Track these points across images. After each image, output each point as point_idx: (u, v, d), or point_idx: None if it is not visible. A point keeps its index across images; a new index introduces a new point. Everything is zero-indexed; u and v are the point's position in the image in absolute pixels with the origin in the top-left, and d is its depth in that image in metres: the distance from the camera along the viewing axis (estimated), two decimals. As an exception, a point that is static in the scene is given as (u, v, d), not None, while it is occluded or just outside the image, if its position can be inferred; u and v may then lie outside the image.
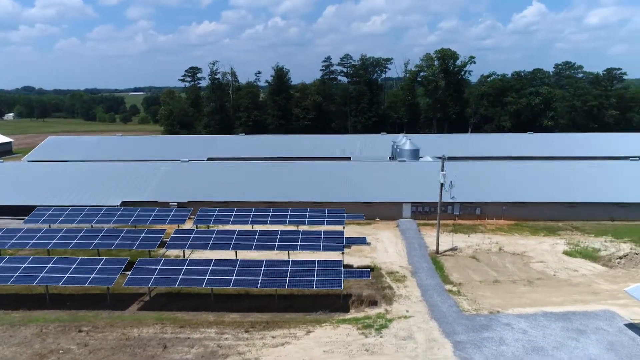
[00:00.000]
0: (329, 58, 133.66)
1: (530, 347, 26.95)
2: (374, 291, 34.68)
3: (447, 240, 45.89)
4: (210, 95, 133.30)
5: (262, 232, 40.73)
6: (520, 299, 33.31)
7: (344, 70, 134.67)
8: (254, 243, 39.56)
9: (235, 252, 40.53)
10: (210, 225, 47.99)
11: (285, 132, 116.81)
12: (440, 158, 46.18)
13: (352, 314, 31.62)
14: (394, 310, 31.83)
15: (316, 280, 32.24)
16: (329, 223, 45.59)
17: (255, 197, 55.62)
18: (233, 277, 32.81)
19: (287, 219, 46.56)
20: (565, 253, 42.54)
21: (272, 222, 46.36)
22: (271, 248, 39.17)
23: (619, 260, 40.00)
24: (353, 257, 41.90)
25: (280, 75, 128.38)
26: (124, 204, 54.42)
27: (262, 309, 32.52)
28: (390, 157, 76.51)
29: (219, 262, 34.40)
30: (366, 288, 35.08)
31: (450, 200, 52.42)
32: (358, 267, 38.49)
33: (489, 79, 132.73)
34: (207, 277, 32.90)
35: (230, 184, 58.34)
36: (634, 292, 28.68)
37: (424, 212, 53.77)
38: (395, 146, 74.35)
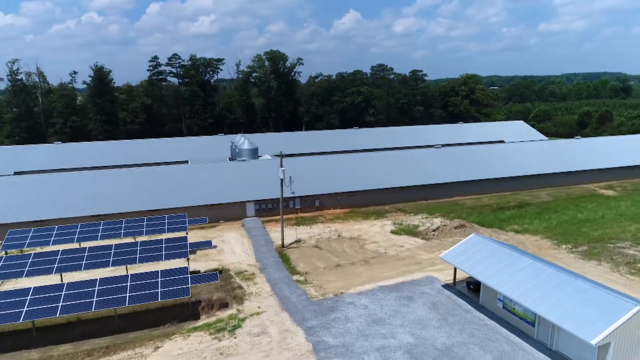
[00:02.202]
0: (156, 58, 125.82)
1: (372, 319, 29.72)
2: (224, 293, 34.06)
3: (292, 234, 47.60)
4: (11, 100, 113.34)
5: (93, 248, 36.44)
6: (359, 278, 36.44)
7: (174, 70, 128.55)
8: (84, 262, 35.16)
9: (61, 275, 35.48)
10: (24, 249, 41.07)
11: (111, 138, 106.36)
12: (278, 155, 47.56)
13: (204, 319, 30.54)
14: (246, 309, 31.77)
15: (161, 291, 30.21)
16: (170, 230, 43.11)
17: (81, 211, 49.54)
18: (60, 304, 28.64)
19: (122, 231, 42.54)
20: (393, 232, 47.99)
21: (103, 237, 41.80)
22: (105, 265, 35.30)
23: (433, 232, 46.76)
24: (200, 262, 40.48)
25: (101, 75, 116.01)
26: None
27: (100, 333, 29.17)
28: (229, 158, 75.87)
29: (39, 289, 29.65)
30: (216, 291, 34.22)
31: (291, 195, 54.48)
32: (206, 272, 37.32)
33: (316, 80, 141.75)
34: (25, 309, 28.07)
35: (46, 199, 50.73)
36: (446, 257, 33.88)
37: (268, 209, 54.80)
38: (234, 146, 74.01)
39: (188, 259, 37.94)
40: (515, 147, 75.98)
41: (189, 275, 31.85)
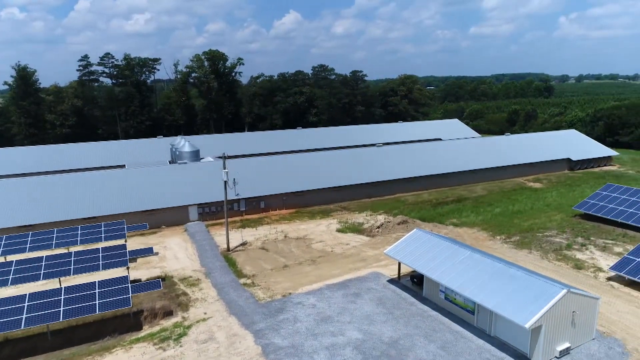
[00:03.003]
0: (86, 57, 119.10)
1: (320, 318, 29.91)
2: (168, 301, 32.89)
3: (237, 237, 46.86)
4: None
5: (20, 262, 33.89)
6: (307, 277, 36.54)
7: (107, 70, 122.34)
8: (10, 277, 32.61)
9: (-16, 292, 32.66)
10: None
11: (39, 142, 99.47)
12: (221, 157, 46.64)
13: (147, 330, 29.31)
14: (192, 316, 30.87)
15: (99, 303, 28.64)
16: (107, 239, 40.99)
17: (5, 222, 45.90)
18: (-16, 324, 26.34)
19: (54, 242, 39.89)
20: (339, 230, 48.57)
21: (33, 249, 38.98)
22: (35, 279, 32.94)
23: (377, 229, 47.85)
24: (141, 270, 38.82)
25: (24, 76, 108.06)
26: None
27: (32, 352, 27.16)
28: (170, 161, 73.43)
29: (-41, 309, 27.11)
30: (159, 299, 32.97)
31: (236, 197, 53.63)
32: (147, 280, 35.86)
33: (258, 80, 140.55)
34: (-58, 332, 25.56)
35: (-35, 210, 46.53)
36: (390, 253, 34.78)
37: (212, 212, 53.58)
38: (174, 149, 71.69)
39: (128, 268, 36.31)
40: (452, 145, 79.48)
41: (130, 285, 30.46)
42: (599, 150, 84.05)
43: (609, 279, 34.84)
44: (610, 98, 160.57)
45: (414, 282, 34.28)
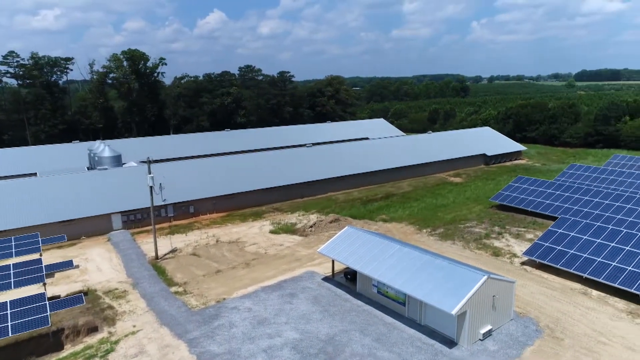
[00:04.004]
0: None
1: (256, 321, 29.64)
2: (92, 316, 30.86)
3: (166, 244, 45.06)
4: None
5: None
6: (241, 281, 36.03)
7: (11, 70, 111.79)
8: None
9: None
10: None
11: None
12: (145, 162, 44.59)
13: (69, 349, 27.30)
14: (119, 330, 29.23)
15: (12, 324, 26.20)
16: (19, 254, 37.51)
17: None
18: None
19: (-46, 261, 35.82)
20: (272, 232, 48.37)
21: None
22: None
23: (310, 228, 48.30)
24: (60, 286, 36.04)
25: None
26: None
27: None
28: (88, 167, 68.80)
29: None
30: (82, 315, 30.83)
31: (163, 203, 51.50)
32: (68, 295, 33.38)
33: (182, 81, 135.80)
34: None
35: None
36: (324, 251, 35.29)
37: (137, 219, 51.00)
38: (92, 154, 67.29)
39: (45, 284, 33.56)
40: (378, 143, 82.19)
41: (47, 302, 28.17)
42: (510, 145, 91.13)
43: (523, 263, 37.96)
44: (518, 97, 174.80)
45: (347, 279, 35.05)
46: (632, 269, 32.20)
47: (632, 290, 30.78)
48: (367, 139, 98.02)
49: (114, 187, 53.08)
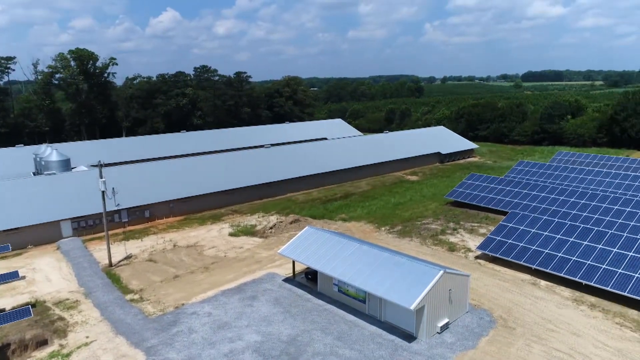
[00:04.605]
0: None
1: (217, 325, 29.18)
2: (41, 329, 29.35)
3: (120, 250, 43.53)
4: None
5: None
6: (200, 286, 35.34)
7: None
8: None
9: None
10: None
11: None
12: (96, 165, 42.88)
13: (16, 365, 25.84)
14: (71, 342, 27.97)
15: (-49, 342, 24.51)
16: (-43, 266, 35.19)
17: None
18: None
19: None
20: (231, 234, 47.74)
21: None
22: None
23: (270, 230, 48.04)
24: (5, 298, 34.04)
25: None
26: None
27: None
28: (34, 172, 65.38)
29: None
30: (30, 329, 29.25)
31: (117, 208, 49.69)
32: (13, 308, 31.58)
33: (135, 82, 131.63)
34: None
35: None
36: (284, 252, 35.22)
37: (89, 226, 48.96)
38: (38, 159, 64.02)
39: (-13, 297, 31.61)
40: (337, 143, 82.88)
41: (-9, 316, 26.55)
42: (463, 144, 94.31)
43: (477, 257, 39.40)
44: (470, 97, 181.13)
45: (308, 279, 35.14)
46: (576, 258, 34.12)
47: (577, 279, 32.62)
48: (325, 139, 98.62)
49: (63, 192, 50.70)
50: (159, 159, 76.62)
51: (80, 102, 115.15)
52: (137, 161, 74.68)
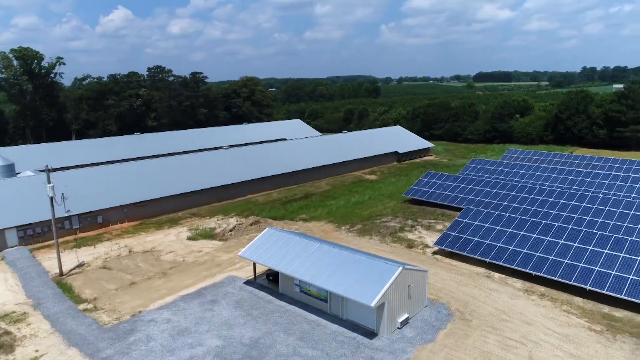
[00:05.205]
0: None
1: (176, 332, 28.49)
2: (-15, 345, 27.63)
3: (72, 258, 41.66)
4: None
5: None
6: (158, 292, 34.38)
7: None
8: None
9: None
10: None
11: None
12: (44, 170, 40.84)
13: (-43, 385, 24.21)
14: (19, 357, 26.50)
15: None
16: None
17: None
18: None
19: None
20: (189, 238, 46.73)
21: None
22: None
23: (230, 232, 47.40)
24: (-58, 315, 31.80)
25: None
26: None
27: None
28: (-26, 179, 61.32)
29: None
30: (-28, 345, 27.49)
31: (67, 215, 47.49)
32: (-47, 325, 29.55)
33: (84, 82, 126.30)
34: None
35: None
36: (245, 254, 34.86)
37: (37, 234, 46.52)
38: (-21, 164, 60.10)
39: None
40: (296, 144, 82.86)
41: None
42: (420, 143, 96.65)
43: (434, 253, 40.50)
44: (425, 98, 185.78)
45: (270, 280, 34.94)
46: (527, 251, 35.76)
47: (527, 270, 34.19)
48: (284, 139, 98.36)
49: (7, 199, 47.92)
50: (113, 162, 73.87)
51: (24, 103, 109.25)
52: (89, 165, 71.70)
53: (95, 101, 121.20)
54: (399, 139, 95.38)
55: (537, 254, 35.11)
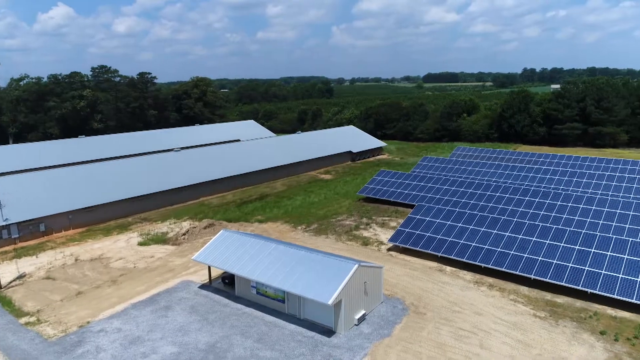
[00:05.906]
0: None
1: (128, 341, 27.43)
2: None
3: (11, 269, 39.16)
4: None
5: None
6: (108, 300, 32.98)
7: None
8: None
9: None
10: None
11: None
12: (-23, 176, 38.14)
13: None
14: (-47, 377, 24.61)
15: None
16: None
17: None
18: None
19: None
20: (140, 244, 45.12)
21: None
22: None
23: (183, 236, 46.23)
24: None
25: None
26: None
27: None
28: None
29: None
30: None
31: (4, 223, 44.60)
32: None
33: (22, 83, 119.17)
34: None
35: None
36: (199, 258, 34.10)
37: (-30, 245, 43.37)
38: None
39: None
40: (250, 145, 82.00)
41: None
42: (373, 142, 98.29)
43: (389, 249, 41.32)
44: (377, 98, 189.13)
45: (225, 283, 34.37)
46: (475, 244, 37.22)
47: (477, 263, 35.60)
48: (238, 140, 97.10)
49: (-64, 209, 44.38)
50: (56, 166, 70.10)
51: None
52: (27, 170, 67.60)
53: (35, 103, 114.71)
54: (353, 138, 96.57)
55: (486, 247, 36.62)
